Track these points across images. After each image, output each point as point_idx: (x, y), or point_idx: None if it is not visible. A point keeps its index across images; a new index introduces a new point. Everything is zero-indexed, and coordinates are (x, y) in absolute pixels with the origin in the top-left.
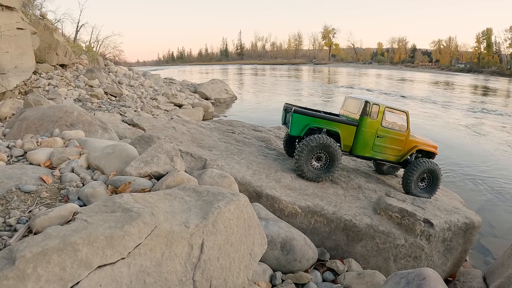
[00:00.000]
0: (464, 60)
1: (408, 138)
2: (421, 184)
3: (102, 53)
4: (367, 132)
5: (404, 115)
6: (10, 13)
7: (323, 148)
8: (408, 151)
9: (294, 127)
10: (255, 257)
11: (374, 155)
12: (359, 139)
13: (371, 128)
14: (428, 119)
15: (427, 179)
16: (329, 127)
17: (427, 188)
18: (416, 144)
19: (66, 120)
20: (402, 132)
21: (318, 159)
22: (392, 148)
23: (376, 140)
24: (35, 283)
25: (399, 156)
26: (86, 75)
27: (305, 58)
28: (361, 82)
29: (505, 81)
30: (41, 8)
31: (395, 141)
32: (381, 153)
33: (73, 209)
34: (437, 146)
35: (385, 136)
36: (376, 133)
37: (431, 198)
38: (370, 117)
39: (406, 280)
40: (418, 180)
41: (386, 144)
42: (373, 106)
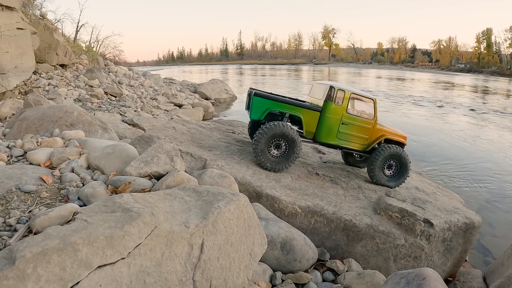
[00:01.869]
0: (464, 60)
1: (375, 126)
2: (388, 171)
3: (102, 53)
4: (331, 119)
5: (371, 103)
6: (10, 13)
7: (282, 136)
8: (375, 140)
9: (254, 110)
10: (255, 257)
11: (338, 143)
12: (322, 126)
13: (336, 114)
14: (428, 119)
15: (395, 166)
16: (290, 111)
17: (395, 176)
18: (383, 133)
19: (66, 120)
20: (369, 120)
21: (277, 147)
22: (358, 136)
23: (341, 127)
24: (35, 283)
25: (365, 145)
26: (86, 75)
27: (305, 58)
28: (361, 82)
29: (505, 81)
30: (41, 8)
31: (361, 129)
32: (346, 141)
33: (73, 209)
34: (406, 137)
35: (350, 123)
36: (341, 119)
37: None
38: (334, 103)
39: (406, 280)
40: (383, 167)
41: (352, 131)
42: (338, 92)
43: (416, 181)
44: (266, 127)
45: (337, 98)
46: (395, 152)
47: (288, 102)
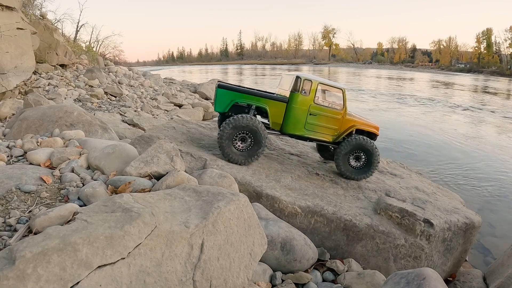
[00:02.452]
0: (464, 60)
1: (345, 117)
2: (356, 163)
3: (102, 53)
4: (298, 109)
5: (340, 93)
6: (10, 13)
7: (247, 129)
8: (345, 130)
9: (219, 102)
10: (255, 257)
11: (306, 134)
12: (289, 117)
13: (303, 105)
14: (428, 119)
15: (363, 158)
16: (256, 103)
17: (362, 168)
18: (354, 124)
19: (66, 120)
20: (337, 110)
21: (243, 140)
22: (327, 127)
23: (308, 118)
24: (35, 283)
25: (335, 136)
26: (86, 75)
27: (305, 58)
28: (361, 81)
29: (505, 81)
30: (41, 8)
31: (330, 119)
32: (315, 132)
33: (73, 209)
34: (378, 127)
35: (318, 114)
36: (308, 110)
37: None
38: (301, 93)
39: (406, 280)
40: (350, 158)
41: (320, 122)
42: (305, 82)
43: (416, 181)
44: (230, 120)
45: (304, 88)
46: (361, 143)
47: (253, 93)
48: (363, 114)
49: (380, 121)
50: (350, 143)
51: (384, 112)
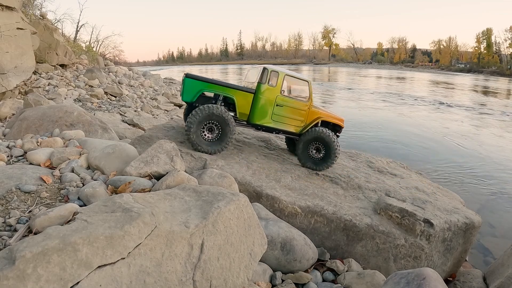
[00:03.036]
0: (464, 60)
1: (311, 109)
2: (316, 154)
3: (102, 53)
4: (265, 100)
5: (306, 85)
6: (10, 13)
7: (214, 119)
8: (310, 122)
9: (186, 92)
10: (255, 257)
11: (273, 125)
12: (256, 107)
13: (270, 96)
14: (428, 119)
15: (323, 149)
16: (223, 93)
17: (322, 159)
18: (319, 116)
19: (66, 120)
20: (303, 102)
21: (210, 130)
22: (293, 118)
23: (275, 109)
24: (35, 283)
25: (301, 127)
26: (86, 75)
27: (305, 58)
28: (361, 81)
29: (505, 81)
30: (41, 8)
31: (296, 111)
32: (281, 123)
33: (73, 209)
34: (343, 119)
35: (285, 105)
36: (275, 101)
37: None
38: (268, 84)
39: (406, 280)
40: (310, 149)
41: (286, 113)
42: (272, 74)
43: (416, 181)
44: (197, 110)
45: (271, 79)
46: (320, 135)
47: (220, 84)
48: (364, 115)
49: (380, 121)
50: (310, 134)
51: (384, 112)
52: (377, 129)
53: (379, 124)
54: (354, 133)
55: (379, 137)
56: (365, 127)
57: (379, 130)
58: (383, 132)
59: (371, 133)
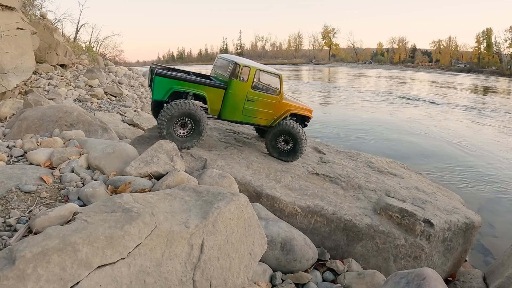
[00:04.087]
0: (464, 60)
1: (281, 101)
2: (284, 146)
3: (102, 53)
4: (236, 96)
5: (277, 78)
6: (10, 13)
7: (186, 115)
8: (281, 115)
9: (157, 91)
10: (255, 257)
11: (244, 120)
12: (227, 103)
13: (241, 91)
14: (428, 119)
15: (291, 141)
16: (194, 90)
17: (290, 151)
18: (289, 108)
19: (66, 120)
20: (274, 95)
21: (183, 126)
22: (264, 111)
23: (246, 103)
24: (35, 283)
25: (271, 120)
26: (86, 75)
27: (305, 58)
28: (361, 81)
29: (505, 81)
30: (41, 8)
31: (267, 104)
32: (252, 117)
33: (73, 209)
34: (312, 110)
35: (256, 99)
36: (246, 96)
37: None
38: (239, 79)
39: (406, 280)
40: (279, 141)
41: (258, 107)
42: (243, 68)
43: (416, 181)
44: (168, 107)
45: (242, 74)
46: (287, 129)
47: (191, 81)
48: (364, 115)
49: (380, 121)
50: (279, 127)
51: (383, 112)
52: (377, 129)
53: (379, 124)
54: (354, 133)
55: (379, 137)
56: (365, 127)
57: (379, 130)
58: (383, 132)
59: (371, 133)
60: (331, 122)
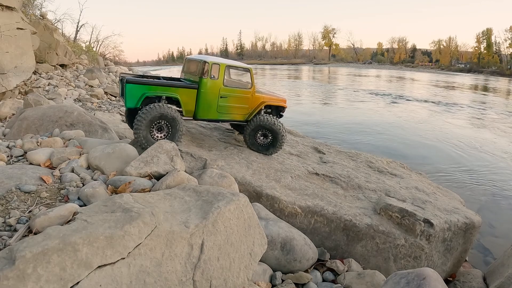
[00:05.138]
0: (464, 60)
1: (254, 95)
2: (264, 140)
3: (102, 53)
4: (209, 94)
5: (247, 72)
6: (10, 13)
7: (162, 117)
8: (255, 108)
9: (130, 98)
10: (255, 257)
11: (220, 117)
12: (201, 102)
13: (213, 89)
14: (428, 119)
15: (269, 135)
16: (167, 93)
17: (269, 145)
18: (263, 100)
19: (66, 120)
20: (247, 89)
21: (160, 130)
22: (238, 107)
23: (220, 100)
24: (35, 283)
25: (247, 114)
26: (86, 75)
27: (305, 58)
28: (361, 82)
29: (505, 81)
30: (41, 8)
31: (241, 99)
32: (227, 114)
33: (73, 209)
34: (285, 100)
35: (229, 95)
36: (219, 93)
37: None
38: (210, 77)
39: (406, 280)
40: (257, 136)
41: (231, 103)
42: (213, 66)
43: (416, 181)
44: (143, 111)
45: (212, 72)
46: (265, 123)
47: (163, 84)
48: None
49: (380, 121)
50: (256, 122)
51: (383, 112)
52: (377, 129)
53: (379, 124)
54: (354, 133)
55: (379, 137)
56: (365, 127)
57: (379, 130)
58: (383, 132)
59: (371, 133)
60: (331, 122)
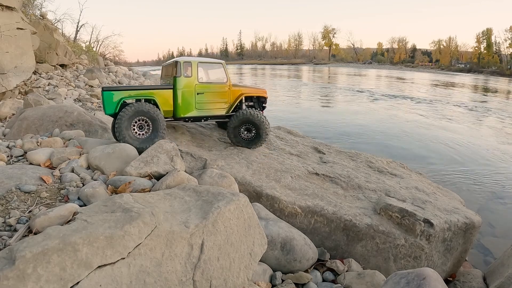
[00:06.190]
0: (464, 60)
1: (231, 88)
2: (247, 135)
3: (102, 53)
4: (185, 92)
5: (220, 67)
6: (10, 13)
7: (143, 115)
8: (235, 100)
9: (108, 105)
10: (255, 257)
11: (199, 113)
12: (178, 101)
13: (188, 86)
14: (428, 119)
15: (253, 129)
16: (143, 96)
17: (253, 139)
18: (241, 92)
19: (66, 120)
20: (223, 83)
21: (141, 127)
22: (217, 101)
23: (196, 97)
24: (35, 283)
25: (227, 108)
26: (86, 75)
27: (305, 58)
28: (361, 82)
29: (505, 81)
30: (41, 8)
31: (218, 94)
32: (206, 110)
33: (73, 209)
34: (265, 90)
35: (205, 91)
36: (194, 90)
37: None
38: (184, 76)
39: (406, 280)
40: (241, 131)
41: (209, 99)
42: (184, 64)
43: (416, 181)
44: (123, 111)
45: (185, 71)
46: (248, 117)
47: (138, 88)
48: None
49: (380, 121)
50: (239, 117)
51: (383, 112)
52: (377, 129)
53: (378, 124)
54: (354, 133)
55: (379, 137)
56: (365, 127)
57: (379, 130)
58: (383, 132)
59: (371, 133)
60: (331, 122)
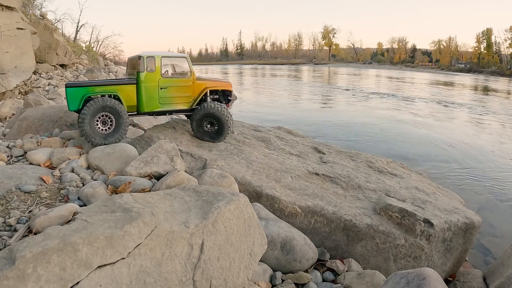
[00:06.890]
0: (464, 60)
1: (195, 82)
2: (211, 128)
3: (102, 53)
4: (148, 87)
5: (184, 61)
6: (10, 13)
7: (107, 110)
8: (199, 94)
9: (71, 101)
10: (255, 257)
11: (163, 108)
12: (142, 96)
13: (151, 81)
14: (428, 119)
15: (216, 123)
16: (106, 91)
17: (216, 132)
18: (206, 86)
19: (66, 120)
20: (187, 77)
21: (104, 123)
22: (180, 96)
23: (160, 92)
24: (35, 283)
25: (190, 102)
26: (86, 75)
27: (305, 58)
28: (361, 82)
29: (505, 81)
30: (41, 8)
31: (182, 88)
32: (170, 104)
33: (73, 209)
34: (230, 84)
35: (169, 86)
36: (158, 85)
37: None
38: (147, 71)
39: (406, 280)
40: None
41: (173, 93)
42: (147, 59)
43: (416, 181)
44: (86, 106)
45: (148, 66)
46: (210, 111)
47: (101, 84)
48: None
49: (379, 121)
50: (201, 111)
51: (383, 112)
52: (377, 129)
53: (379, 124)
54: (354, 133)
55: (379, 137)
56: (365, 127)
57: (379, 130)
58: (383, 132)
59: (371, 133)
60: (331, 122)
